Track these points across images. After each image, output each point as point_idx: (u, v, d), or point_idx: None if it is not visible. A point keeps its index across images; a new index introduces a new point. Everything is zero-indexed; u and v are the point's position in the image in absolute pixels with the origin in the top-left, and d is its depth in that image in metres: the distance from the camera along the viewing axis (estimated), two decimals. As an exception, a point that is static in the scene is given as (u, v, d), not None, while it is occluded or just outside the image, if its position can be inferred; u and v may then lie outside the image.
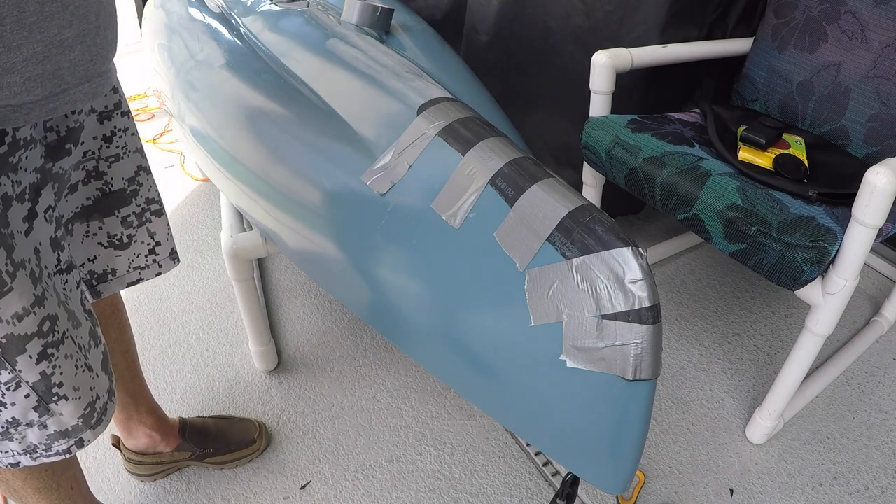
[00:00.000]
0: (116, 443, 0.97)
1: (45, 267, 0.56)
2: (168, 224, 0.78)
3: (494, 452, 1.06)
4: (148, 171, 0.74)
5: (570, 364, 0.53)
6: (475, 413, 1.13)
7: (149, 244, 0.76)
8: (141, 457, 0.97)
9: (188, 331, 1.31)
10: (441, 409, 1.14)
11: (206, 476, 1.02)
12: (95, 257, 0.72)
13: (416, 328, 0.64)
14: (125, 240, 0.73)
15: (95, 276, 0.73)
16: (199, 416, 1.05)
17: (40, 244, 0.56)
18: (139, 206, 0.73)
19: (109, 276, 0.74)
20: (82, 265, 0.71)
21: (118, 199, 0.71)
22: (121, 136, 0.68)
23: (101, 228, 0.71)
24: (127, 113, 0.69)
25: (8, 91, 0.46)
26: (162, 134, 2.15)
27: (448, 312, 0.60)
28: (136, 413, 0.94)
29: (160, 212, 0.76)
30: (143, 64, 2.76)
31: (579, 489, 1.00)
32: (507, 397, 0.60)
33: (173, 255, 0.80)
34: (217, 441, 1.01)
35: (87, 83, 0.53)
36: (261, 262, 1.52)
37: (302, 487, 1.00)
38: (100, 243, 0.71)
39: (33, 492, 0.72)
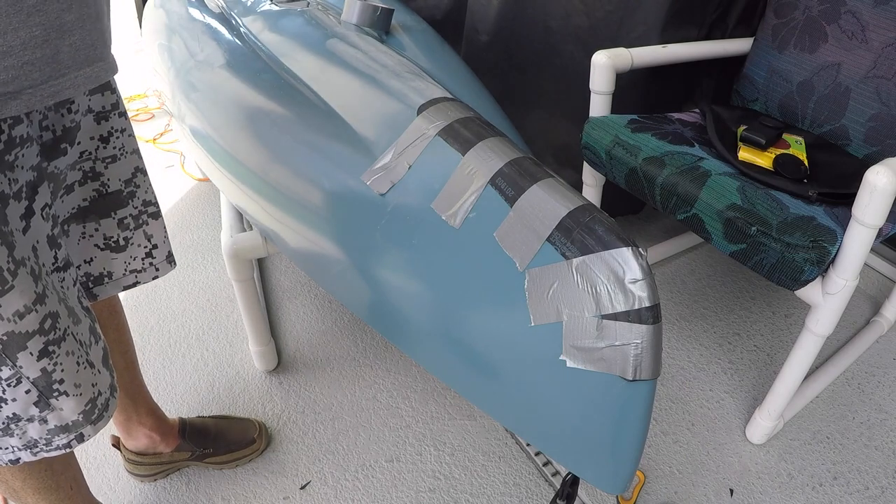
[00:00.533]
0: (116, 443, 0.97)
1: (44, 265, 0.56)
2: (165, 227, 0.77)
3: (494, 452, 1.06)
4: (145, 172, 0.73)
5: (570, 364, 0.53)
6: (475, 413, 1.13)
7: (145, 247, 0.75)
8: (141, 457, 0.97)
9: (188, 331, 1.31)
10: (441, 409, 1.14)
11: (206, 476, 1.02)
12: (92, 259, 0.71)
13: (416, 328, 0.64)
14: (121, 242, 0.73)
15: (92, 278, 0.72)
16: (198, 416, 1.05)
17: (38, 242, 0.56)
18: (136, 208, 0.72)
19: (105, 279, 0.73)
20: (78, 266, 0.71)
21: (115, 200, 0.70)
22: (118, 137, 0.68)
23: (97, 230, 0.70)
24: (124, 114, 0.69)
25: (5, 75, 0.46)
26: (162, 134, 2.15)
27: (448, 312, 0.60)
28: (135, 414, 0.94)
29: (157, 214, 0.75)
30: (143, 64, 2.76)
31: (579, 489, 1.00)
32: (507, 397, 0.60)
33: (170, 259, 0.79)
34: (217, 441, 1.01)
35: (87, 67, 0.53)
36: (261, 262, 1.52)
37: (302, 487, 1.00)
38: (96, 245, 0.71)
39: (32, 492, 0.71)
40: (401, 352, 1.25)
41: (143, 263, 0.76)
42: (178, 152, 2.04)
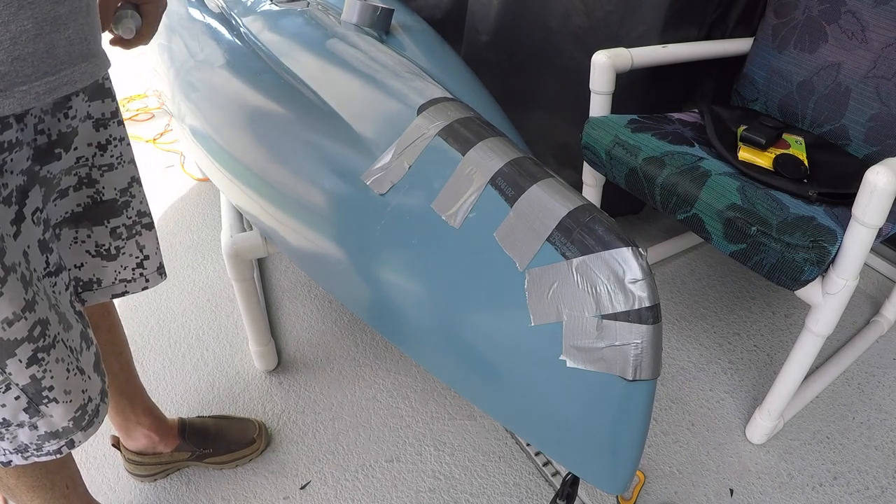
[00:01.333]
0: (116, 443, 0.97)
1: (34, 270, 0.55)
2: (157, 238, 0.77)
3: (494, 452, 1.06)
4: (140, 183, 0.73)
5: (570, 364, 0.53)
6: (475, 413, 1.13)
7: (137, 258, 0.75)
8: (140, 457, 0.97)
9: (188, 331, 1.31)
10: (441, 409, 1.14)
11: (206, 476, 1.02)
12: (82, 265, 0.71)
13: (416, 328, 0.64)
14: (113, 251, 0.72)
15: (81, 283, 0.72)
16: (198, 416, 1.05)
17: (29, 247, 0.55)
18: (130, 218, 0.72)
19: (94, 286, 0.73)
20: (69, 271, 0.71)
21: (109, 209, 0.70)
22: (116, 146, 0.68)
23: (89, 237, 0.70)
24: (122, 123, 0.69)
25: None
26: (162, 134, 2.15)
27: (448, 312, 0.60)
28: (132, 414, 0.94)
29: (150, 225, 0.75)
30: (143, 64, 2.76)
31: (579, 489, 1.00)
32: (507, 397, 0.60)
33: (161, 270, 0.79)
34: (217, 441, 1.01)
35: (83, 63, 0.52)
36: (261, 262, 1.52)
37: (302, 487, 1.00)
38: (87, 251, 0.70)
39: (27, 490, 0.71)
40: (401, 352, 1.25)
41: (134, 274, 0.76)
42: (178, 152, 2.04)
